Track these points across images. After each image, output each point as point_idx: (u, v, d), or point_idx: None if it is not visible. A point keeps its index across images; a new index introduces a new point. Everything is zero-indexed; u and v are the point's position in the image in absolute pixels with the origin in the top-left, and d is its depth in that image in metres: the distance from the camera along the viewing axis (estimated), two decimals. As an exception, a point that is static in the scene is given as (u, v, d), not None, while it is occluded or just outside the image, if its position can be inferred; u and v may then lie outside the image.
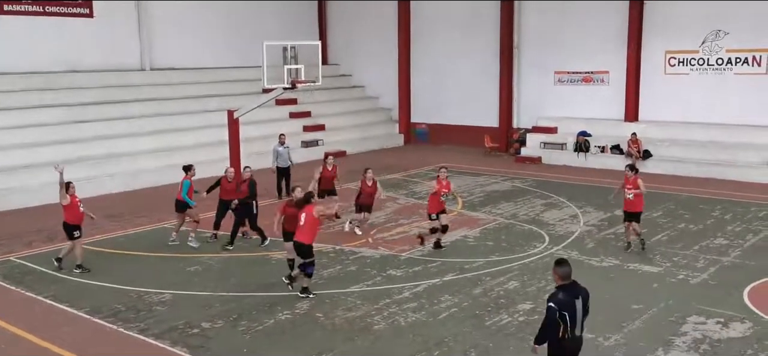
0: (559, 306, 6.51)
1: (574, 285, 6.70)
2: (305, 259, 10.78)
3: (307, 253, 10.75)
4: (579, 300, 6.60)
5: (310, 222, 10.70)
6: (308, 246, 10.73)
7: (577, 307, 6.54)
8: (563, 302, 6.53)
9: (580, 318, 6.61)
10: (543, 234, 14.67)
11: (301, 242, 10.73)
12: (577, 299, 6.59)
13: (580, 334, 6.70)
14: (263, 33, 21.91)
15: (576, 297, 6.60)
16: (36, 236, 15.10)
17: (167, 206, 17.79)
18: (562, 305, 6.51)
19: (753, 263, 12.49)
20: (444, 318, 10.14)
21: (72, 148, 20.30)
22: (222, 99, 24.77)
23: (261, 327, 9.92)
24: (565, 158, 23.86)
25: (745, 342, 9.19)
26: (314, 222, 10.75)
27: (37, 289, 11.60)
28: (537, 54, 26.06)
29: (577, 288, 6.68)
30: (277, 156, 18.98)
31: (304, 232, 10.71)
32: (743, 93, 21.80)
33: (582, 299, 6.65)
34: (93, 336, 9.75)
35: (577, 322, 6.57)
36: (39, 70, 22.50)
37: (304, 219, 10.72)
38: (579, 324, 6.62)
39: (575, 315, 6.54)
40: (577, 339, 6.67)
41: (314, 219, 10.73)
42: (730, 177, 20.34)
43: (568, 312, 6.50)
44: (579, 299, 6.61)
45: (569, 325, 6.52)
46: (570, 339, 6.57)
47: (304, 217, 10.73)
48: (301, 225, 10.74)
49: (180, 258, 13.34)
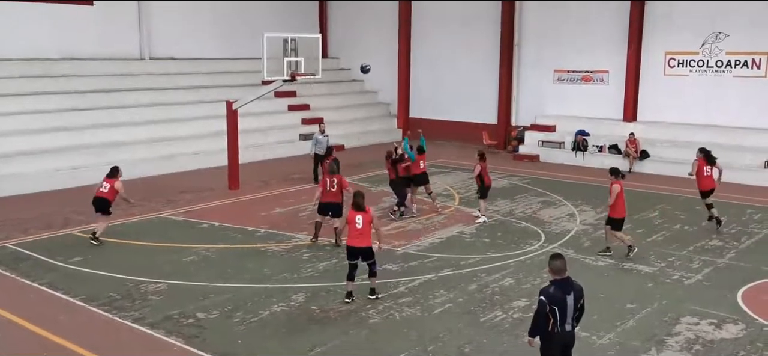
0: (548, 300, 6.58)
1: (567, 280, 6.72)
2: (368, 260, 10.54)
3: (369, 255, 10.52)
4: (571, 296, 6.62)
5: (368, 225, 10.43)
6: (369, 248, 10.49)
7: (568, 303, 6.57)
8: (553, 296, 6.58)
9: (570, 313, 6.65)
10: (539, 232, 14.70)
11: (362, 246, 10.43)
12: (568, 295, 6.61)
13: (570, 329, 6.75)
14: (264, 25, 21.88)
15: (568, 292, 6.63)
16: (32, 223, 15.08)
17: (164, 195, 17.85)
18: (552, 299, 6.57)
19: (748, 265, 12.54)
20: (439, 313, 10.17)
21: (69, 136, 20.27)
22: (221, 90, 24.74)
23: (256, 318, 9.94)
24: (562, 156, 23.88)
25: (738, 343, 9.24)
26: (369, 225, 10.48)
27: (33, 276, 11.61)
28: (537, 52, 26.06)
29: (569, 284, 6.70)
30: (316, 143, 19.32)
31: (363, 235, 10.41)
32: (742, 95, 21.83)
33: (574, 295, 6.67)
34: (88, 324, 9.77)
35: (567, 317, 6.62)
36: (37, 56, 22.43)
37: (362, 222, 10.39)
38: (569, 320, 6.67)
39: (565, 311, 6.59)
40: (566, 335, 6.72)
41: (370, 222, 10.47)
42: (727, 179, 20.31)
43: (558, 307, 6.56)
44: (571, 295, 6.63)
45: (558, 320, 6.58)
46: (559, 333, 6.63)
47: (362, 219, 10.39)
48: (360, 228, 10.37)
49: (176, 248, 13.35)
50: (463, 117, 27.76)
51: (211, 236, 14.24)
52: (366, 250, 10.46)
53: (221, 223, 15.23)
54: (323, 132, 19.62)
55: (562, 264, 6.69)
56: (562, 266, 6.68)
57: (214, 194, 18.19)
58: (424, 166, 15.99)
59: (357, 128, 27.89)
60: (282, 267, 12.20)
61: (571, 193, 18.54)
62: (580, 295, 6.76)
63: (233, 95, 21.02)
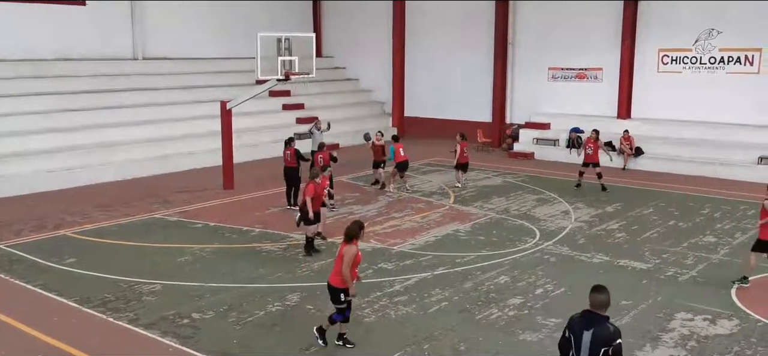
0: (567, 324, 6.07)
1: (592, 316, 5.91)
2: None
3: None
4: (588, 334, 5.85)
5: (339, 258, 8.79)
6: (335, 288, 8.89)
7: (583, 339, 5.88)
8: (573, 323, 6.03)
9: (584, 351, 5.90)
10: (534, 230, 14.72)
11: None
12: (586, 330, 5.87)
13: None
14: (257, 24, 21.86)
15: (586, 328, 5.88)
16: (26, 224, 15.01)
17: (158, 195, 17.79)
18: (570, 326, 6.04)
19: (742, 261, 12.56)
20: (434, 311, 10.17)
21: (63, 136, 20.19)
22: (215, 90, 24.69)
23: (251, 318, 9.92)
24: (557, 154, 23.92)
25: (732, 338, 9.27)
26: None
27: (27, 278, 11.55)
28: (531, 50, 26.09)
29: (591, 321, 5.90)
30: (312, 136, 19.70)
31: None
32: (735, 92, 21.91)
33: (592, 337, 5.84)
34: (82, 325, 9.73)
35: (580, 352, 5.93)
36: (30, 57, 22.35)
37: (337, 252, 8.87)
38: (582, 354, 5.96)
39: (579, 345, 5.93)
40: None
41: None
42: (721, 175, 20.46)
43: (573, 336, 5.99)
44: (589, 332, 5.86)
45: (573, 350, 5.99)
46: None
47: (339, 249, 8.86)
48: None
49: (171, 249, 13.31)
50: (457, 115, 27.76)
51: (206, 236, 14.21)
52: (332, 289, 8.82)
53: (216, 223, 15.19)
54: (319, 128, 19.70)
55: (594, 298, 5.96)
56: (594, 299, 5.96)
57: (208, 194, 18.15)
58: (404, 154, 18.37)
59: (352, 126, 27.84)
60: (277, 267, 12.18)
61: (566, 190, 18.58)
62: (600, 341, 5.79)
63: (227, 95, 20.99)
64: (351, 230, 8.62)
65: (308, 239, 12.88)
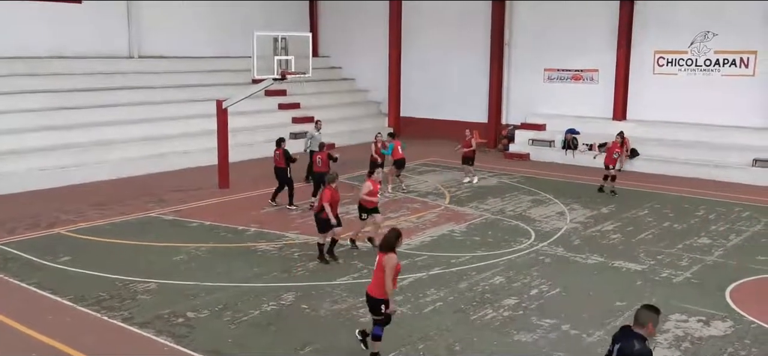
0: (612, 337, 6.23)
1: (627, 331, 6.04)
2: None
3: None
4: (617, 346, 6.08)
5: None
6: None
7: (613, 351, 6.11)
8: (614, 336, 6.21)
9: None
10: (529, 230, 14.74)
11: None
12: (616, 344, 6.10)
13: None
14: (254, 23, 21.82)
15: (618, 341, 6.09)
16: (20, 222, 14.95)
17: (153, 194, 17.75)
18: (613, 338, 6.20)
19: (736, 262, 12.63)
20: (429, 311, 10.18)
21: (58, 134, 20.11)
22: (211, 89, 24.64)
23: (246, 317, 9.91)
24: (553, 155, 23.96)
25: (726, 340, 9.31)
26: None
27: (21, 276, 11.51)
28: (527, 51, 26.12)
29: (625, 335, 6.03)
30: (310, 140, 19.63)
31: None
32: (730, 94, 21.98)
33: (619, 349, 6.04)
34: (77, 323, 9.70)
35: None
36: (25, 55, 22.26)
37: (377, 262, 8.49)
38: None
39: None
40: None
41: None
42: (716, 177, 20.52)
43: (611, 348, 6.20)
44: (616, 346, 6.09)
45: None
46: None
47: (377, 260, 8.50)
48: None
49: (166, 248, 13.28)
50: (453, 116, 27.78)
51: (201, 235, 14.18)
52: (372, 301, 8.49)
53: (211, 222, 15.17)
54: (319, 129, 19.72)
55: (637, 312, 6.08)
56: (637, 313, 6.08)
57: (204, 193, 18.12)
58: (402, 152, 18.68)
59: (348, 126, 27.84)
60: (272, 266, 12.17)
61: (562, 191, 18.60)
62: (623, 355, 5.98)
63: (223, 94, 20.93)
64: (389, 240, 8.36)
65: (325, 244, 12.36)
